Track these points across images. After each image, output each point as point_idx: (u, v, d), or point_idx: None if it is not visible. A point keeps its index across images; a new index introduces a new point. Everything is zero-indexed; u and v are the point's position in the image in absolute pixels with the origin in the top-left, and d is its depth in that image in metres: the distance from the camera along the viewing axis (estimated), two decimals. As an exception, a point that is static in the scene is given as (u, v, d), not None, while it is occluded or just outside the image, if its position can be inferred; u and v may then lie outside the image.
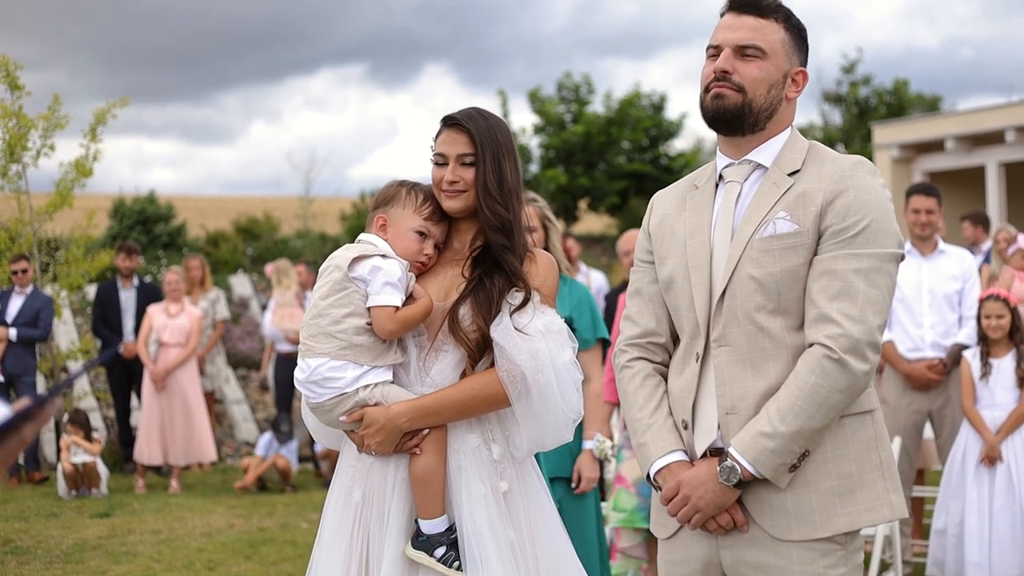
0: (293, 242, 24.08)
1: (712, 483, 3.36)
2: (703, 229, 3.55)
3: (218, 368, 14.56)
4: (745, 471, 3.32)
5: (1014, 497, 7.42)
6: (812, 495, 3.35)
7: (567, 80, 34.18)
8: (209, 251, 22.74)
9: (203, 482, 13.23)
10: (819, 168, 3.46)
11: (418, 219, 3.90)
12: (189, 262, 14.64)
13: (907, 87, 39.01)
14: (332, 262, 3.88)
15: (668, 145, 34.37)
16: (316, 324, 3.81)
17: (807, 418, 3.27)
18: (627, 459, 6.94)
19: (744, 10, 3.54)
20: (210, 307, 14.20)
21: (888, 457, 3.47)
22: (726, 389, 3.42)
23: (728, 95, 3.48)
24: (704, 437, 3.46)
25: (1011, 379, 7.58)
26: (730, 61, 3.49)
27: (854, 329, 3.28)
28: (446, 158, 3.88)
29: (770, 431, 3.28)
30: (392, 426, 3.74)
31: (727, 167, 3.59)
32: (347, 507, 3.86)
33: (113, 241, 20.28)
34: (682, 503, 3.42)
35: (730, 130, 3.54)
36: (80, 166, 14.00)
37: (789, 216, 3.39)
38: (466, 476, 3.79)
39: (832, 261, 3.33)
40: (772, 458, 3.29)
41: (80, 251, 14.17)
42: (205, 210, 31.74)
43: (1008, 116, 24.52)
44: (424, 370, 3.84)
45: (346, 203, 29.73)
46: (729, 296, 3.42)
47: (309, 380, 3.81)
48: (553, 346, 3.76)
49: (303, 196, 27.66)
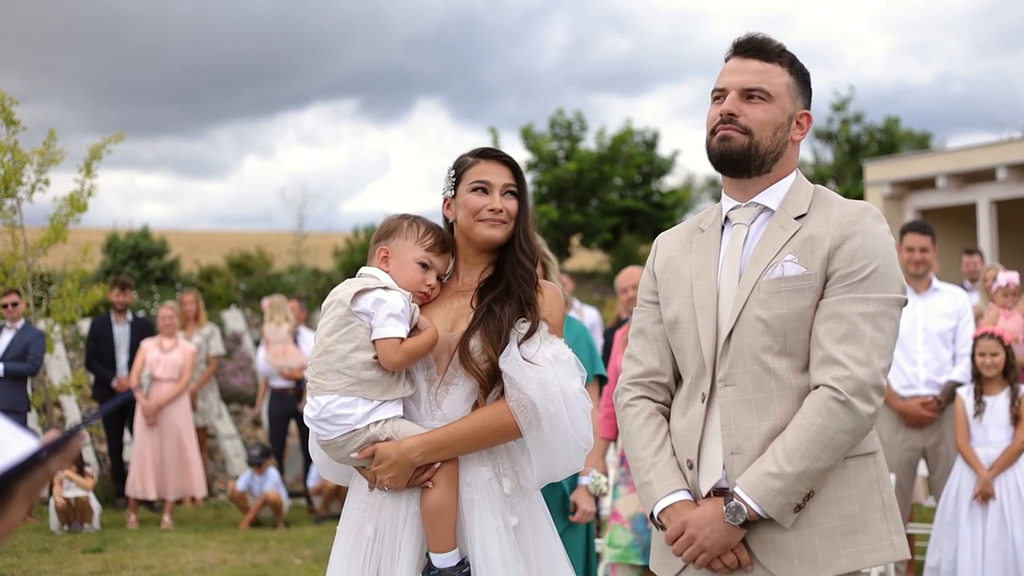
0: (286, 277, 24.06)
1: (718, 523, 3.37)
2: (710, 271, 3.58)
3: (210, 403, 14.55)
4: (751, 511, 3.33)
5: (1006, 534, 7.45)
6: (815, 535, 3.37)
7: (559, 117, 34.28)
8: (202, 286, 22.69)
9: (196, 517, 13.20)
10: (827, 212, 3.49)
11: (420, 250, 3.94)
12: (183, 297, 14.66)
13: (898, 124, 39.19)
14: (335, 297, 3.90)
15: (660, 182, 34.45)
16: (324, 361, 3.83)
17: (813, 459, 3.29)
18: (623, 495, 6.94)
19: (749, 54, 3.60)
20: (204, 342, 14.20)
21: (890, 498, 3.49)
22: (731, 429, 3.43)
23: (735, 137, 3.53)
24: (709, 476, 3.47)
25: (1005, 417, 7.62)
26: (736, 104, 3.54)
27: (860, 372, 3.31)
28: (491, 187, 3.94)
29: (776, 471, 3.30)
30: (405, 461, 3.76)
31: (733, 209, 3.63)
32: (359, 543, 3.86)
33: (106, 276, 20.25)
34: (688, 543, 3.42)
35: (736, 172, 3.58)
36: (74, 201, 14.00)
37: (797, 259, 3.43)
38: (478, 509, 3.80)
39: (839, 304, 3.37)
40: (778, 498, 3.31)
41: (74, 286, 14.17)
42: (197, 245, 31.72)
43: (999, 154, 24.65)
44: (435, 403, 3.86)
45: (339, 238, 29.72)
46: (736, 337, 3.44)
47: (319, 418, 3.82)
48: (562, 375, 3.78)
49: (296, 231, 27.71)
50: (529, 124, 34.16)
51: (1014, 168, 24.09)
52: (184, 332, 13.97)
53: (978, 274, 12.29)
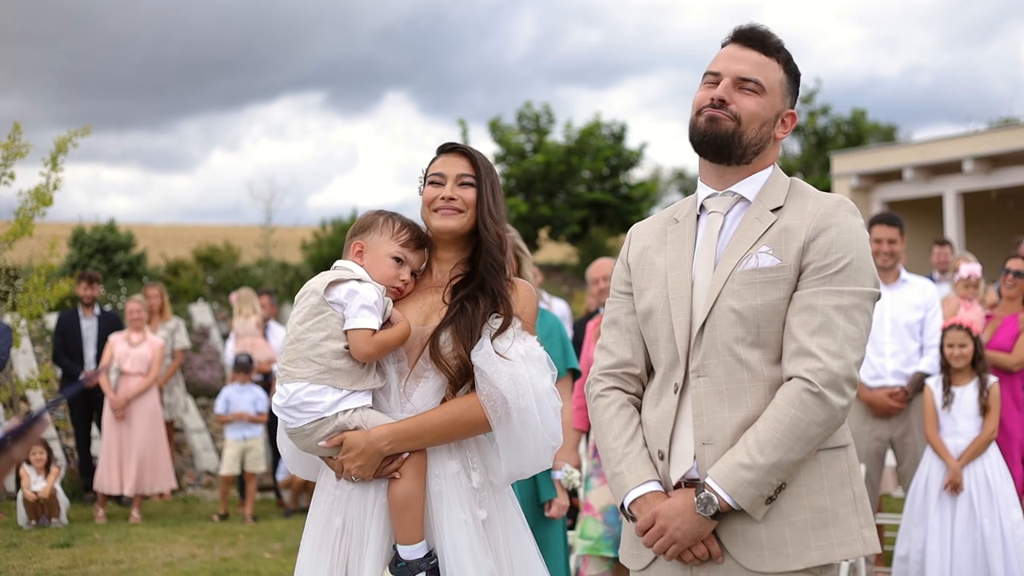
0: (254, 271, 23.97)
1: (689, 514, 3.37)
2: (684, 262, 3.57)
3: (177, 397, 14.48)
4: (722, 502, 3.32)
5: (975, 525, 7.49)
6: (786, 528, 3.37)
7: (527, 110, 34.28)
8: (169, 280, 22.62)
9: (164, 512, 13.15)
10: (802, 205, 3.50)
11: (395, 245, 3.94)
12: (148, 291, 14.59)
13: (865, 117, 39.37)
14: (309, 287, 3.90)
15: (628, 175, 34.50)
16: (294, 349, 3.82)
17: (785, 450, 3.29)
18: (595, 487, 6.95)
19: (749, 44, 3.60)
20: (169, 336, 14.14)
21: (861, 492, 3.49)
22: (703, 419, 3.43)
23: (722, 120, 3.52)
24: (679, 466, 3.46)
25: (973, 408, 7.66)
26: (728, 91, 3.53)
27: (833, 364, 3.31)
28: (444, 178, 3.96)
29: (748, 463, 3.30)
30: (373, 450, 3.75)
31: (709, 197, 3.63)
32: (326, 535, 3.86)
33: (73, 270, 20.15)
34: (658, 534, 3.42)
35: (716, 156, 3.57)
36: (40, 195, 13.91)
37: (772, 251, 3.43)
38: (447, 502, 3.80)
39: (813, 297, 3.37)
40: (750, 489, 3.30)
41: (40, 280, 14.08)
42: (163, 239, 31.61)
43: (966, 146, 24.81)
44: (405, 396, 3.86)
45: (307, 232, 29.66)
46: (709, 327, 3.44)
47: (287, 405, 3.81)
48: (534, 372, 3.79)
49: (264, 225, 27.60)
50: (497, 117, 34.19)
51: (981, 160, 24.25)
52: (150, 326, 13.89)
53: (948, 265, 12.35)
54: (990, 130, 28.68)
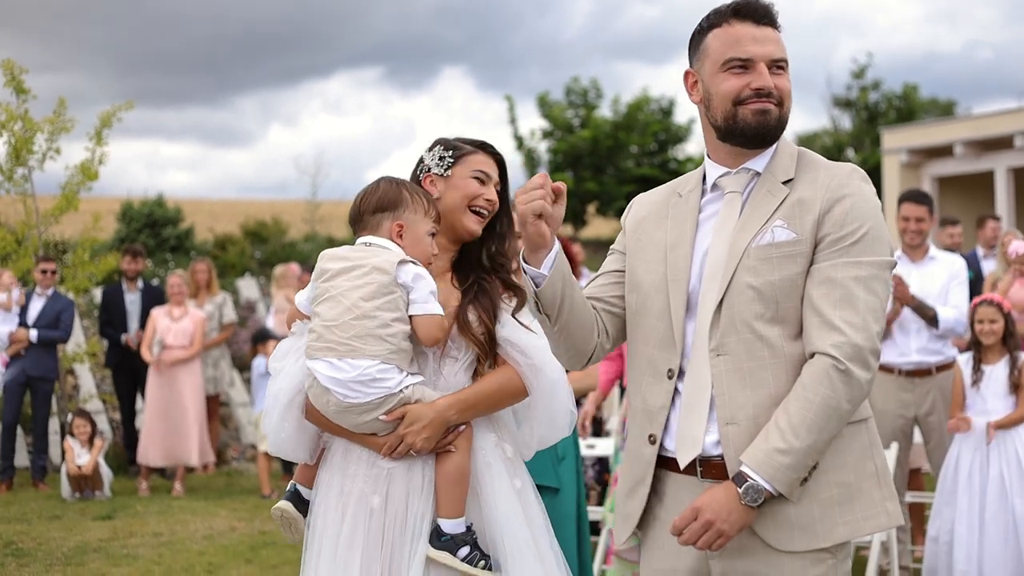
0: (301, 246, 24.09)
1: (736, 507, 3.26)
2: (686, 241, 3.53)
3: (223, 372, 14.59)
4: (766, 492, 3.25)
5: (1006, 506, 7.39)
6: (814, 506, 3.34)
7: (575, 84, 34.19)
8: (216, 254, 22.78)
9: (207, 485, 13.27)
10: (814, 176, 3.45)
11: (429, 222, 3.96)
12: (196, 266, 14.66)
13: (917, 92, 38.97)
14: (365, 263, 3.83)
15: (677, 149, 34.36)
16: (363, 325, 3.76)
17: (819, 431, 3.24)
18: (622, 460, 6.95)
19: (763, 21, 3.48)
20: (216, 310, 14.21)
21: (883, 465, 3.47)
22: (726, 399, 3.37)
23: (772, 111, 3.43)
24: (688, 450, 3.42)
25: (1004, 386, 7.54)
26: (770, 77, 3.43)
27: (857, 337, 3.25)
28: (488, 179, 4.09)
29: (785, 447, 3.23)
30: (441, 419, 3.81)
31: (723, 176, 3.56)
32: (358, 515, 3.84)
33: (120, 244, 20.34)
34: (704, 529, 3.27)
35: (759, 145, 3.50)
36: (86, 169, 14.06)
37: (787, 224, 3.38)
38: (495, 473, 3.92)
39: (832, 269, 3.32)
40: (788, 474, 3.24)
41: (86, 254, 14.23)
42: (216, 213, 31.78)
43: (1018, 121, 24.50)
44: (439, 373, 3.93)
45: (354, 206, 29.75)
46: (727, 305, 3.38)
47: (355, 380, 3.76)
48: None
49: (309, 200, 27.71)
50: (545, 92, 34.10)
51: (1033, 135, 23.95)
52: (196, 300, 13.99)
53: (996, 241, 12.20)
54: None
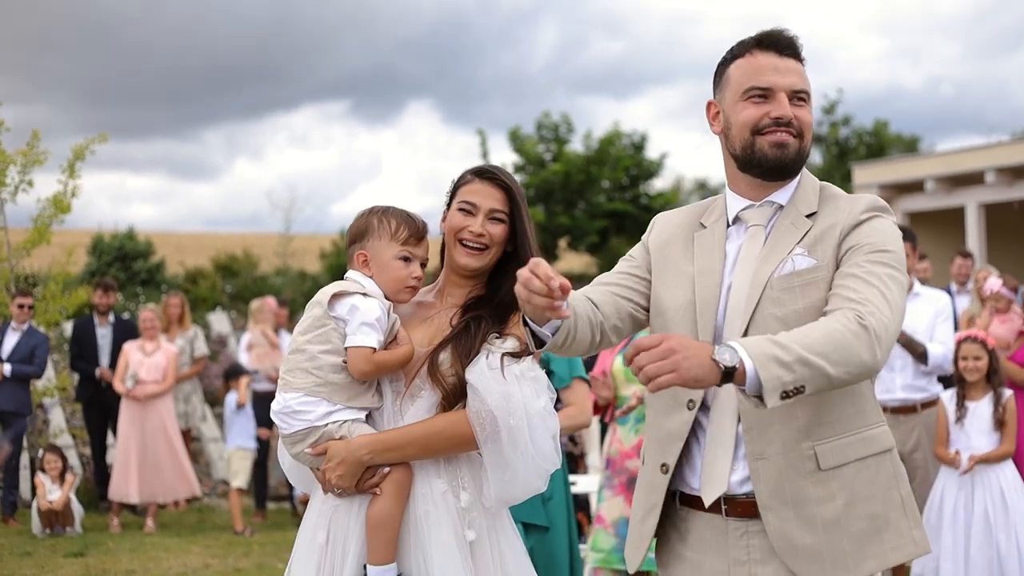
0: (272, 279, 23.99)
1: (703, 355, 2.98)
2: (715, 270, 3.46)
3: (194, 406, 14.49)
4: (741, 364, 2.99)
5: (991, 541, 7.39)
6: (844, 539, 3.29)
7: (546, 119, 34.23)
8: (188, 288, 22.65)
9: (179, 521, 13.14)
10: (835, 205, 3.42)
11: (396, 246, 3.84)
12: (169, 300, 14.59)
13: (887, 127, 39.22)
14: (314, 298, 3.85)
15: (648, 184, 34.40)
16: (294, 359, 3.79)
17: (820, 354, 3.02)
18: (607, 499, 6.91)
19: (786, 52, 3.46)
20: (188, 344, 14.14)
21: (907, 494, 3.43)
22: (754, 434, 3.31)
23: (791, 143, 3.40)
24: (714, 488, 3.36)
25: (988, 423, 7.55)
26: (789, 107, 3.41)
27: (881, 313, 3.13)
28: (476, 209, 3.85)
29: (784, 343, 3.02)
30: (353, 458, 3.69)
31: (746, 209, 3.52)
32: (312, 549, 3.81)
33: (91, 278, 20.20)
34: (662, 355, 2.97)
35: (782, 176, 3.46)
36: (58, 202, 13.95)
37: (807, 252, 3.34)
38: (433, 523, 3.72)
39: (855, 267, 3.25)
40: (773, 367, 2.98)
41: (58, 287, 14.11)
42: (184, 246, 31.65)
43: (988, 157, 24.66)
44: (399, 414, 3.79)
45: (326, 240, 29.66)
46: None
47: (282, 412, 3.79)
48: (527, 392, 3.69)
49: (283, 233, 27.62)
50: (516, 126, 34.13)
51: (1003, 171, 24.08)
52: (168, 335, 13.90)
53: (968, 277, 12.24)
54: (1013, 141, 28.51)
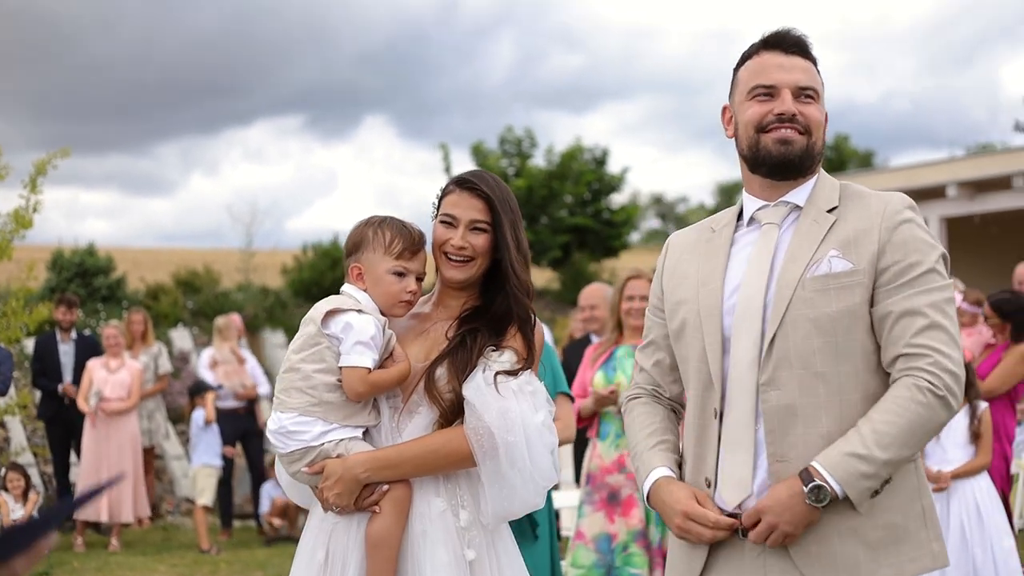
0: (234, 295, 23.79)
1: (799, 505, 3.20)
2: (716, 276, 3.46)
3: (158, 424, 14.36)
4: (833, 491, 3.17)
5: (967, 555, 7.39)
6: (859, 547, 3.26)
7: (509, 134, 34.21)
8: (149, 304, 22.42)
9: (143, 540, 13.01)
10: (865, 204, 3.38)
11: (390, 260, 3.76)
12: (132, 316, 14.49)
13: (847, 142, 39.44)
14: (308, 315, 3.77)
15: (610, 199, 34.42)
16: (288, 378, 3.72)
17: (901, 447, 3.17)
18: (587, 515, 6.86)
19: (792, 50, 3.48)
20: (152, 361, 14.03)
21: (930, 505, 3.39)
22: (776, 436, 3.30)
23: (796, 139, 3.41)
24: (735, 492, 3.35)
25: (964, 436, 7.55)
26: (794, 104, 3.42)
27: (949, 363, 3.19)
28: (456, 221, 3.78)
29: (864, 453, 3.15)
30: (349, 476, 3.63)
31: (761, 209, 3.51)
32: (311, 567, 3.74)
33: (51, 294, 19.96)
34: (768, 531, 3.24)
35: (789, 174, 3.46)
36: (19, 217, 13.77)
37: (842, 254, 3.30)
38: (431, 542, 3.65)
39: (906, 301, 3.24)
40: (862, 482, 3.17)
41: (19, 304, 13.92)
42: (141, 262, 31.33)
43: (949, 171, 24.86)
44: (397, 431, 3.73)
45: (287, 256, 29.47)
46: (781, 338, 3.29)
47: (278, 432, 3.72)
48: (525, 407, 3.64)
49: (244, 249, 27.39)
50: (479, 141, 34.10)
51: (964, 185, 24.27)
52: (131, 352, 13.77)
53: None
54: (972, 155, 28.74)
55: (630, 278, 7.31)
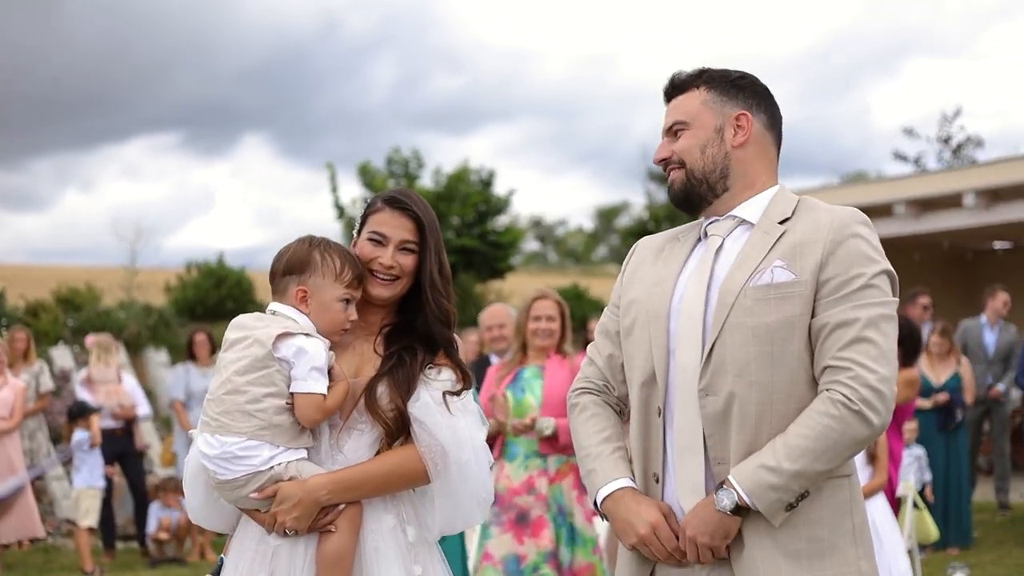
0: (116, 313, 23.35)
1: (710, 516, 3.26)
2: (668, 280, 3.50)
3: (39, 443, 14.04)
4: (741, 500, 3.22)
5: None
6: (780, 558, 3.26)
7: (396, 155, 34.15)
8: (29, 321, 21.93)
9: (23, 562, 12.71)
10: (815, 217, 3.40)
11: (341, 288, 3.69)
12: (15, 334, 14.12)
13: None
14: (251, 335, 3.63)
15: (495, 221, 34.48)
16: (232, 400, 3.58)
17: (813, 459, 3.19)
18: (494, 536, 6.80)
19: (669, 97, 3.64)
20: (33, 379, 13.69)
21: (862, 523, 3.40)
22: (716, 440, 3.33)
23: (675, 177, 3.56)
24: (691, 496, 3.36)
25: (861, 457, 7.64)
26: (666, 147, 3.57)
27: (871, 377, 3.20)
28: (386, 240, 3.75)
29: (773, 465, 3.19)
30: (310, 499, 3.56)
31: (711, 223, 3.56)
32: None
33: (-74, 310, 19.43)
34: (693, 546, 3.31)
35: (694, 207, 3.58)
36: None
37: (786, 265, 3.32)
38: (383, 558, 3.63)
39: (841, 314, 3.25)
40: (770, 493, 3.20)
41: None
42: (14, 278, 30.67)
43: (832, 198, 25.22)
44: (336, 448, 3.67)
45: (169, 274, 29.06)
46: (719, 345, 3.32)
47: (220, 456, 3.58)
48: (472, 424, 3.69)
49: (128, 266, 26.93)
50: (366, 161, 33.95)
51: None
52: (12, 370, 13.42)
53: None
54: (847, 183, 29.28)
55: (536, 298, 7.30)
